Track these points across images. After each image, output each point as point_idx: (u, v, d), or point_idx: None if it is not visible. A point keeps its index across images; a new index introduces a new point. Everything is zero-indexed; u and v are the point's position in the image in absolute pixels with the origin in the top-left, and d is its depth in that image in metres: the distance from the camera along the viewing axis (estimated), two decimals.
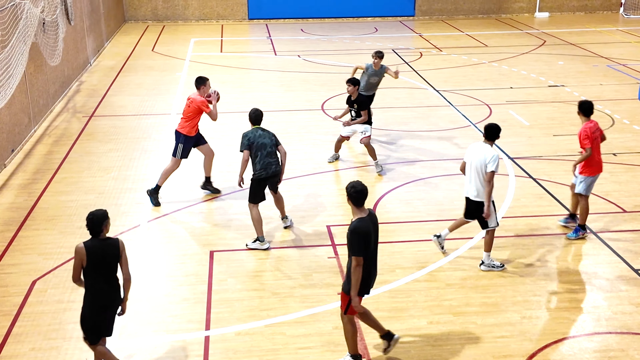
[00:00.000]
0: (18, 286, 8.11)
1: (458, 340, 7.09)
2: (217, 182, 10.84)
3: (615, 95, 15.76)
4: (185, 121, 10.14)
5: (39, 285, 8.16)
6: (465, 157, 8.35)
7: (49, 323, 7.42)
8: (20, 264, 8.62)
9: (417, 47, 21.59)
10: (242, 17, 26.38)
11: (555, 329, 7.29)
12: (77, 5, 17.72)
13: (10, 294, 7.97)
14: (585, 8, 27.58)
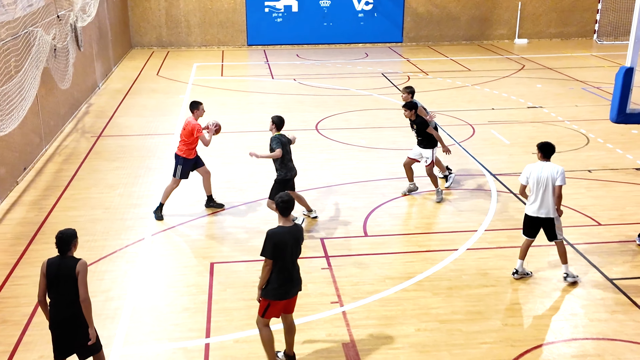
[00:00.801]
0: (28, 297, 8.05)
1: (444, 347, 7.06)
2: (216, 199, 10.82)
3: (590, 116, 15.85)
4: (182, 144, 10.17)
5: None
6: (527, 179, 8.07)
7: None
8: (31, 276, 8.56)
9: (405, 71, 21.70)
10: (242, 44, 26.50)
11: (535, 335, 7.27)
12: (86, 32, 17.78)
13: (20, 304, 7.92)
14: (561, 35, 27.82)
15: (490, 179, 11.85)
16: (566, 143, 13.82)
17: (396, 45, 26.92)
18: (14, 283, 8.42)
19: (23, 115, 11.17)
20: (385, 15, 26.74)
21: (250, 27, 26.32)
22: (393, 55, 24.74)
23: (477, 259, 8.95)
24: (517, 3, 27.03)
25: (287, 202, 6.31)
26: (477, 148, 13.55)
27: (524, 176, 8.16)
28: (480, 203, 10.81)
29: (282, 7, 26.24)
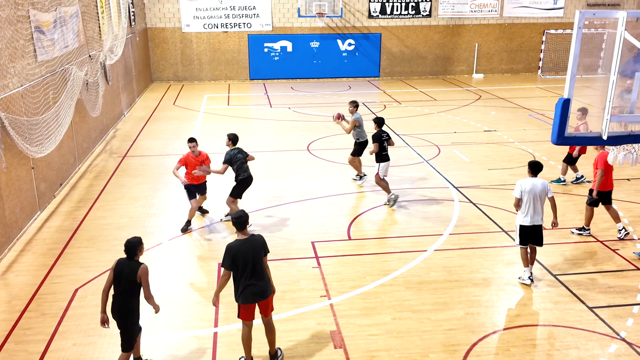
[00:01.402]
0: (63, 293, 7.98)
1: (416, 333, 7.05)
2: (222, 210, 10.76)
3: (536, 138, 15.95)
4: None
5: (80, 292, 8.03)
6: (521, 193, 7.85)
7: (87, 323, 7.29)
8: (66, 275, 8.50)
9: (382, 100, 21.79)
10: (245, 78, 26.54)
11: (493, 323, 7.28)
12: (114, 69, 17.76)
13: (57, 299, 7.84)
14: (511, 70, 28.07)
15: (453, 191, 11.88)
16: (516, 161, 13.89)
17: (374, 79, 27.06)
18: (51, 281, 8.33)
19: (60, 139, 11.13)
20: (365, 54, 26.89)
21: (252, 64, 26.37)
22: (372, 88, 24.86)
23: (442, 259, 8.95)
24: (474, 44, 27.27)
25: (239, 218, 6.12)
26: (442, 165, 13.59)
27: (518, 191, 7.89)
28: (445, 211, 10.83)
29: (279, 48, 26.32)
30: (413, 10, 26.41)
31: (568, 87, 5.31)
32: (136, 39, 22.60)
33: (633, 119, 5.71)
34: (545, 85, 24.90)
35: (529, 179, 7.95)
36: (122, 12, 18.31)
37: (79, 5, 13.90)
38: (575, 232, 9.74)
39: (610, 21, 5.55)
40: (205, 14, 25.41)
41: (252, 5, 25.53)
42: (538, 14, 27.21)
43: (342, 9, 25.72)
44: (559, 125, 5.36)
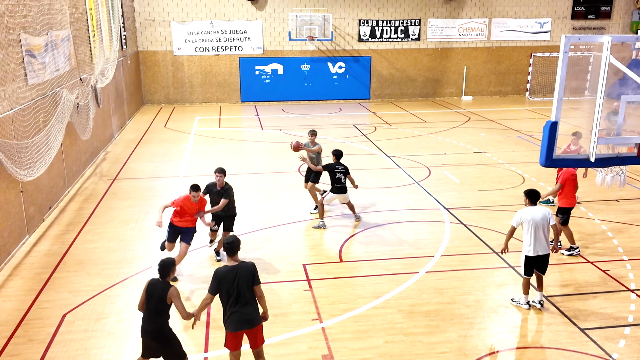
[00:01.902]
0: (51, 318, 7.86)
1: (408, 356, 6.99)
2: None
3: (525, 159, 16.08)
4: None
5: (68, 317, 7.91)
6: (521, 222, 7.70)
7: (76, 349, 7.17)
8: (54, 300, 8.37)
9: (372, 122, 21.93)
10: (236, 100, 26.65)
11: (486, 345, 7.24)
12: (105, 92, 17.78)
13: (45, 325, 7.71)
14: (499, 92, 28.41)
15: (444, 212, 11.91)
16: (506, 182, 13.98)
17: (364, 101, 27.27)
18: (39, 307, 8.20)
19: (49, 162, 11.07)
20: (355, 77, 27.14)
21: (244, 87, 26.52)
22: (362, 110, 25.03)
23: (434, 280, 8.93)
24: (462, 67, 27.63)
25: (231, 244, 6.07)
26: (432, 186, 13.64)
27: (516, 221, 7.77)
28: (436, 232, 10.84)
29: (270, 71, 26.52)
30: (402, 34, 26.78)
31: (555, 110, 5.38)
32: (127, 62, 22.67)
33: (620, 142, 5.78)
34: (533, 107, 25.20)
35: (528, 209, 7.79)
36: (113, 36, 18.40)
37: (71, 29, 13.96)
38: (566, 253, 9.77)
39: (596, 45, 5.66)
40: (197, 38, 25.60)
41: (243, 29, 25.78)
42: (525, 37, 27.67)
43: (333, 33, 26.03)
44: (547, 147, 5.41)
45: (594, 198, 12.66)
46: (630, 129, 6.01)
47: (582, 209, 11.99)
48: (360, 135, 19.31)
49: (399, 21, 26.61)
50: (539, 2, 27.33)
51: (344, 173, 10.99)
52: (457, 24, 27.02)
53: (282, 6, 25.69)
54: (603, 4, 27.60)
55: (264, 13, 25.74)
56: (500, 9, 27.18)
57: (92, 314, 7.97)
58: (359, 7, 26.19)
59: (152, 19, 25.17)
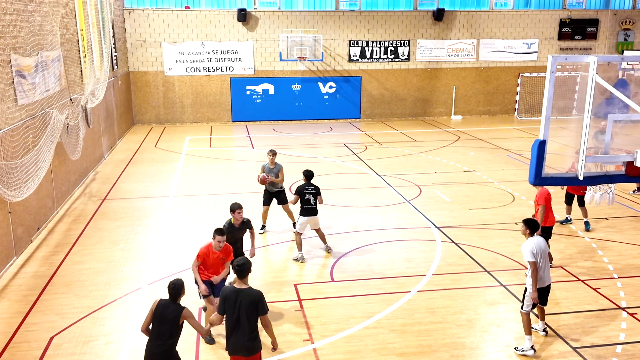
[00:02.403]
0: (38, 341, 7.72)
1: None
2: None
3: (514, 178, 16.18)
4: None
5: (56, 340, 7.77)
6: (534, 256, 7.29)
7: None
8: (41, 323, 8.24)
9: (363, 142, 22.03)
10: (227, 120, 26.71)
11: None
12: (95, 112, 17.76)
13: (31, 348, 7.58)
14: (488, 112, 28.70)
15: (435, 231, 11.92)
16: (496, 200, 14.05)
17: (355, 120, 27.42)
18: (26, 329, 8.07)
19: (38, 183, 10.98)
20: (345, 96, 27.33)
21: (235, 107, 26.59)
22: (353, 129, 25.15)
23: (426, 299, 8.90)
24: (452, 87, 27.92)
25: (242, 266, 5.98)
26: (423, 205, 13.67)
27: (531, 255, 7.27)
28: (427, 251, 10.84)
29: (261, 91, 26.65)
30: (392, 54, 27.07)
31: (543, 129, 5.44)
32: (118, 83, 22.71)
33: (608, 160, 5.84)
34: (522, 126, 25.46)
35: (533, 240, 7.39)
36: (104, 57, 18.45)
37: (61, 49, 13.98)
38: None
39: (582, 65, 5.75)
40: (188, 58, 25.72)
41: (234, 49, 25.95)
42: (513, 57, 28.06)
43: (323, 53, 26.26)
44: (535, 166, 5.46)
45: (581, 217, 12.73)
46: (617, 147, 6.09)
47: (572, 227, 12.05)
48: (351, 155, 19.37)
49: (389, 42, 26.92)
50: (526, 24, 27.79)
51: (313, 194, 10.37)
52: (446, 45, 27.37)
53: (272, 27, 25.93)
54: (589, 25, 28.12)
55: (254, 34, 25.95)
56: (487, 30, 27.59)
57: (80, 337, 7.84)
58: (349, 28, 26.49)
59: (144, 39, 25.29)
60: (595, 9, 28.30)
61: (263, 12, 25.81)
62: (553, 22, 27.93)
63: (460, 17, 27.21)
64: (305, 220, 10.43)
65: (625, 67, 7.09)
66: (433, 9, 26.86)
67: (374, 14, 26.56)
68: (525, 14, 27.69)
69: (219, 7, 25.84)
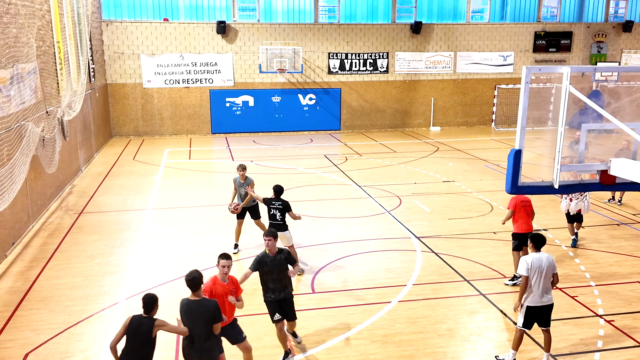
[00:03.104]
0: (13, 358, 7.53)
1: None
2: (192, 263, 10.51)
3: (492, 188, 16.37)
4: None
5: (31, 357, 7.59)
6: (528, 272, 7.10)
7: None
8: (16, 339, 8.04)
9: (343, 153, 22.11)
10: (207, 132, 26.59)
11: None
12: (72, 124, 17.54)
13: None
14: (466, 123, 29.06)
15: (415, 241, 11.98)
16: (474, 210, 14.18)
17: (335, 132, 27.53)
18: (1, 346, 7.86)
19: (13, 197, 10.77)
20: (325, 108, 27.45)
21: (214, 119, 26.51)
22: (333, 141, 25.24)
23: (407, 310, 8.91)
24: (430, 99, 28.23)
25: (192, 280, 6.01)
26: (403, 215, 13.73)
27: (524, 268, 7.13)
28: (408, 261, 10.87)
29: (241, 102, 26.63)
30: (371, 66, 27.30)
31: (519, 139, 5.53)
32: (96, 95, 22.48)
33: (582, 168, 5.95)
34: (499, 137, 25.81)
35: (533, 255, 7.22)
36: (81, 69, 18.27)
37: (37, 61, 13.82)
38: (510, 283, 9.79)
39: (557, 77, 5.87)
40: (167, 70, 25.61)
41: (213, 61, 25.92)
42: (489, 70, 28.52)
43: (303, 65, 26.38)
44: (512, 175, 5.53)
45: (560, 225, 12.92)
46: (592, 156, 6.21)
47: (550, 236, 12.21)
48: (331, 166, 19.41)
49: (367, 54, 27.16)
50: (501, 36, 28.30)
51: (280, 210, 9.89)
52: (424, 57, 27.71)
53: (252, 39, 25.99)
54: (563, 38, 28.74)
55: (234, 46, 25.97)
56: (464, 43, 28.02)
57: (55, 353, 7.67)
58: (328, 40, 26.67)
59: (122, 51, 25.13)
60: (569, 21, 28.96)
61: (242, 25, 25.87)
62: (528, 35, 28.49)
63: (438, 30, 27.60)
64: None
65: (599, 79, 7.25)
66: (411, 22, 27.21)
67: (353, 27, 26.80)
68: (501, 27, 28.21)
69: (198, 20, 25.83)
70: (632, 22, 29.15)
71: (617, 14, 29.61)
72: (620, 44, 29.58)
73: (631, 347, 7.78)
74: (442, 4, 27.85)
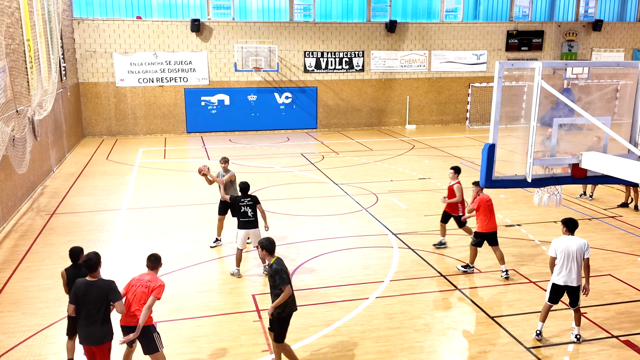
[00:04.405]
0: None
1: None
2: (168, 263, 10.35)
3: (467, 185, 16.40)
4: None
5: None
6: (556, 252, 7.63)
7: None
8: None
9: (320, 151, 22.12)
10: (182, 131, 26.33)
11: None
12: (43, 124, 17.18)
13: None
14: (441, 121, 29.35)
15: (392, 237, 12.04)
16: None
17: (312, 130, 27.52)
18: None
19: None
20: (302, 107, 27.42)
21: (189, 118, 26.27)
22: (309, 139, 25.23)
23: (384, 306, 8.96)
24: (405, 97, 28.43)
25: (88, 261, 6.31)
26: (380, 212, 13.80)
27: (552, 250, 7.67)
28: (384, 258, 10.93)
29: (216, 101, 26.43)
30: (347, 65, 27.37)
31: (492, 133, 5.60)
32: (67, 94, 22.07)
33: (554, 162, 6.06)
34: (473, 134, 26.13)
35: (564, 237, 7.72)
36: (52, 67, 17.90)
37: (7, 60, 13.50)
38: (460, 268, 10.19)
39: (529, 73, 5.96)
40: (140, 69, 25.28)
41: (188, 60, 25.68)
42: (463, 68, 28.84)
43: (279, 64, 26.31)
44: (486, 169, 5.60)
45: (534, 220, 13.13)
46: (563, 150, 6.32)
47: (523, 231, 12.40)
48: (308, 164, 19.40)
49: (343, 53, 27.22)
50: (475, 35, 28.64)
51: (250, 206, 9.87)
52: (399, 56, 27.89)
53: (227, 38, 25.82)
54: (535, 37, 29.22)
55: (209, 44, 25.77)
56: (439, 42, 28.28)
57: (28, 356, 7.51)
58: (304, 39, 26.65)
59: (94, 50, 24.72)
60: (540, 21, 29.46)
61: (217, 23, 25.67)
62: (501, 34, 28.89)
63: (412, 29, 27.80)
64: (244, 234, 9.89)
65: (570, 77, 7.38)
66: (386, 21, 27.35)
67: (329, 25, 26.82)
68: (474, 26, 28.55)
69: (172, 18, 25.55)
70: (602, 21, 29.79)
71: (587, 13, 30.23)
72: (590, 43, 30.21)
73: (603, 338, 7.95)
74: (416, 3, 28.06)
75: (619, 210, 14.00)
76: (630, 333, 8.06)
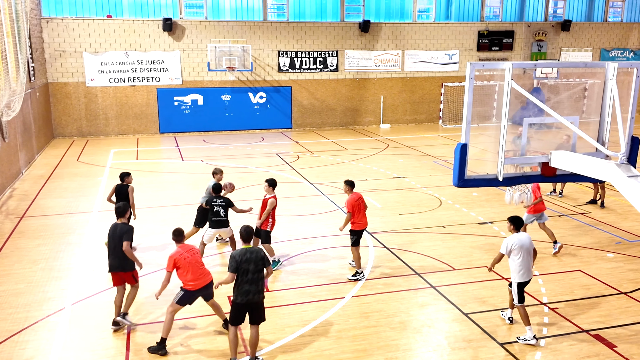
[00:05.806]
0: None
1: None
2: None
3: (441, 183, 16.73)
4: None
5: None
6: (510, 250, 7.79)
7: None
8: None
9: (295, 151, 22.10)
10: (155, 132, 26.01)
11: None
12: (11, 125, 16.78)
13: None
14: (415, 121, 29.60)
15: (367, 236, 12.10)
16: (424, 205, 14.46)
17: (287, 130, 27.47)
18: None
19: None
20: (276, 106, 27.35)
21: (162, 118, 25.96)
22: (284, 139, 25.18)
23: (360, 304, 9.00)
24: (379, 97, 28.59)
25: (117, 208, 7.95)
26: None
27: (505, 248, 7.82)
28: (360, 257, 10.94)
29: (190, 101, 26.18)
30: (321, 64, 27.40)
31: (464, 133, 5.67)
32: (36, 94, 21.60)
33: (524, 161, 6.17)
34: (446, 133, 26.42)
35: (515, 236, 7.87)
36: (20, 67, 17.49)
37: None
38: (351, 278, 9.84)
39: (499, 73, 6.05)
40: (111, 68, 24.89)
41: (160, 59, 25.38)
42: (436, 68, 29.14)
43: (252, 63, 26.19)
44: (458, 169, 5.68)
45: (505, 218, 13.33)
46: (533, 149, 6.45)
47: (495, 229, 12.60)
48: (283, 164, 19.36)
49: (317, 52, 27.24)
50: (447, 35, 28.97)
51: (223, 206, 10.27)
52: (373, 56, 28.03)
53: (200, 37, 25.60)
54: (505, 37, 29.69)
55: (181, 44, 25.51)
56: (412, 42, 28.52)
57: None
58: (278, 38, 26.59)
59: (63, 49, 24.24)
60: (510, 21, 29.94)
61: (190, 22, 25.43)
62: (472, 34, 29.28)
63: (386, 29, 27.97)
64: (213, 232, 10.42)
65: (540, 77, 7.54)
66: (359, 21, 27.47)
67: (302, 25, 26.81)
68: (446, 26, 28.87)
69: (144, 17, 25.22)
70: (570, 21, 30.43)
71: (556, 13, 30.85)
72: (559, 43, 30.83)
73: (574, 333, 8.13)
74: (389, 3, 28.25)
75: (587, 207, 14.33)
76: (600, 327, 8.26)
